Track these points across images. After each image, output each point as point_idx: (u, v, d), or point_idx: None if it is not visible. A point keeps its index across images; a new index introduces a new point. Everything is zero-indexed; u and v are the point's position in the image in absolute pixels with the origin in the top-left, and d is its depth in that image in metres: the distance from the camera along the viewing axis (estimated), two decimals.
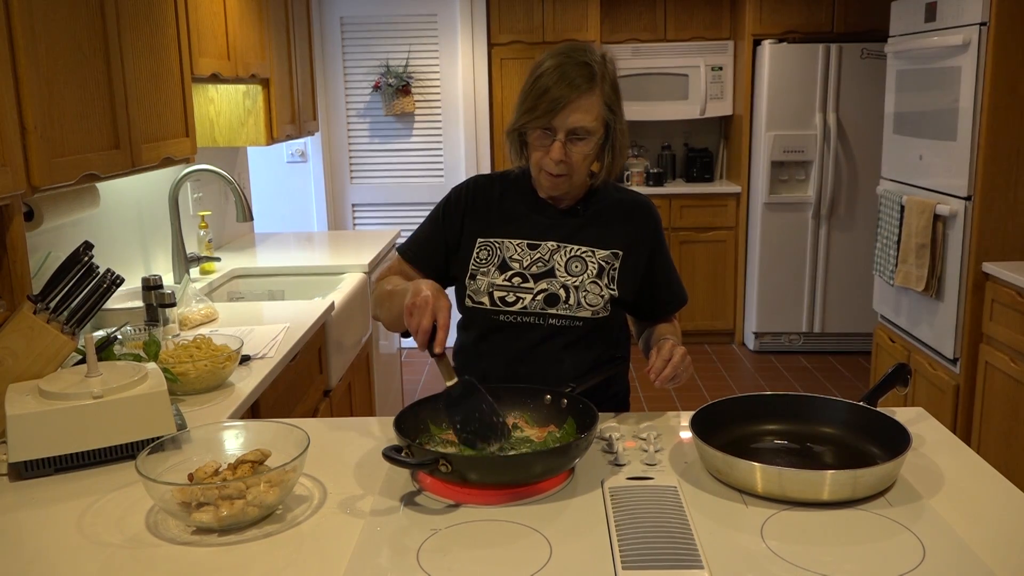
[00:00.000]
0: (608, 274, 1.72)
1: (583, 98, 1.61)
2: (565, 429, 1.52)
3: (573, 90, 1.60)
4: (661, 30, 5.38)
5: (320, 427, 1.66)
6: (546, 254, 1.73)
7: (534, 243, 1.74)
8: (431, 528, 1.26)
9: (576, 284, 1.70)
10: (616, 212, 1.77)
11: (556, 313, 1.70)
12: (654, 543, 1.19)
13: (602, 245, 1.74)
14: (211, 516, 1.25)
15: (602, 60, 1.65)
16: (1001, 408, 3.15)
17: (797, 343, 5.38)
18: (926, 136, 3.59)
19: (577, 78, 1.61)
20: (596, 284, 1.70)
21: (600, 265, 1.72)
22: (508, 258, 1.74)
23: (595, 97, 1.62)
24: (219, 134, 3.35)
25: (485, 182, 1.84)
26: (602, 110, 1.64)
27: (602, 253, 1.73)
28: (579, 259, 1.72)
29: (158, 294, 2.39)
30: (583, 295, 1.70)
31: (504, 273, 1.72)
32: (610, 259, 1.73)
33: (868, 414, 1.52)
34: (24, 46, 1.65)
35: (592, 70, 1.62)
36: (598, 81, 1.62)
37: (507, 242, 1.75)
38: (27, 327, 1.66)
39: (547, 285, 1.70)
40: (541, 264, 1.72)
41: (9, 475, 1.49)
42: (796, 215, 5.19)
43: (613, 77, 1.66)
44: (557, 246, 1.73)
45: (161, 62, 2.31)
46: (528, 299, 1.70)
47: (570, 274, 1.71)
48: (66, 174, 1.80)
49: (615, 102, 1.66)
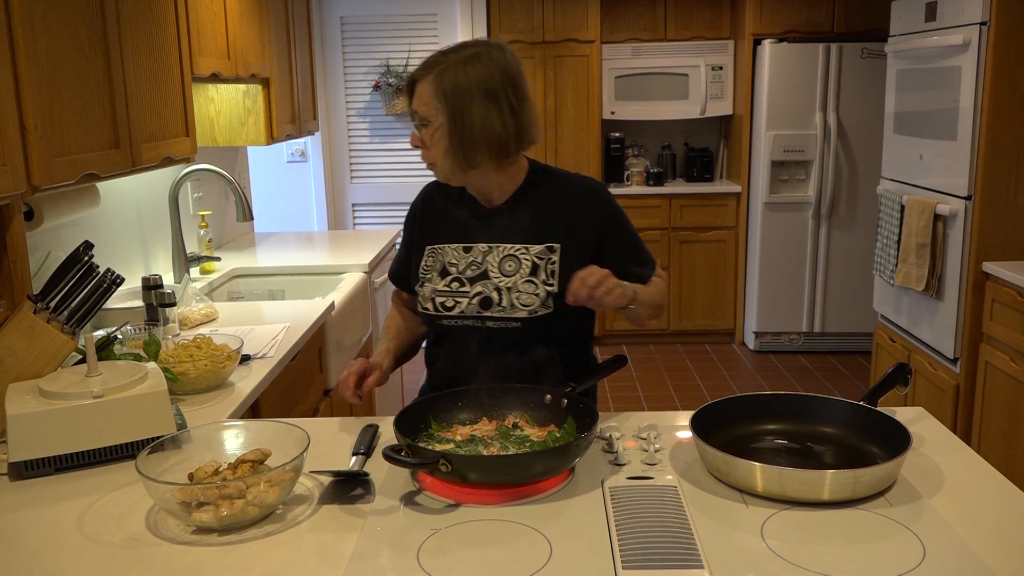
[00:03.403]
0: (545, 270, 1.69)
1: (420, 84, 1.64)
2: (565, 429, 1.52)
3: (417, 73, 1.64)
4: (661, 30, 5.38)
5: (320, 427, 1.66)
6: (479, 256, 1.73)
7: (468, 246, 1.74)
8: (431, 528, 1.26)
9: (508, 285, 1.69)
10: (554, 202, 1.73)
11: (492, 316, 1.69)
12: (654, 543, 1.19)
13: (535, 240, 1.71)
14: (211, 516, 1.25)
15: (461, 57, 1.63)
16: (1001, 408, 3.15)
17: (797, 343, 5.38)
18: (926, 136, 3.59)
19: (425, 64, 1.64)
20: (531, 283, 1.68)
21: (534, 262, 1.69)
22: (447, 263, 1.74)
23: (427, 83, 1.63)
24: (219, 134, 3.35)
25: (434, 189, 1.85)
26: (435, 97, 1.62)
27: (536, 248, 1.70)
28: (512, 258, 1.70)
29: (158, 294, 2.39)
30: (515, 296, 1.68)
31: (444, 279, 1.73)
32: (545, 253, 1.70)
33: (868, 414, 1.52)
34: (24, 46, 1.65)
35: (436, 59, 1.64)
36: (437, 69, 1.62)
37: (447, 247, 1.76)
38: (27, 327, 1.66)
39: (482, 288, 1.70)
40: (475, 267, 1.72)
41: (9, 475, 1.49)
42: (796, 215, 5.19)
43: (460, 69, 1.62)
44: (489, 247, 1.73)
45: (161, 62, 2.31)
46: (465, 303, 1.71)
47: (504, 275, 1.70)
48: (66, 174, 1.80)
49: (453, 90, 1.61)
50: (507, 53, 1.67)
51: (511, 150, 1.67)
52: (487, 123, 1.62)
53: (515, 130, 1.65)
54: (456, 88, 1.61)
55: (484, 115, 1.62)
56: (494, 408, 1.61)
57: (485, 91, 1.62)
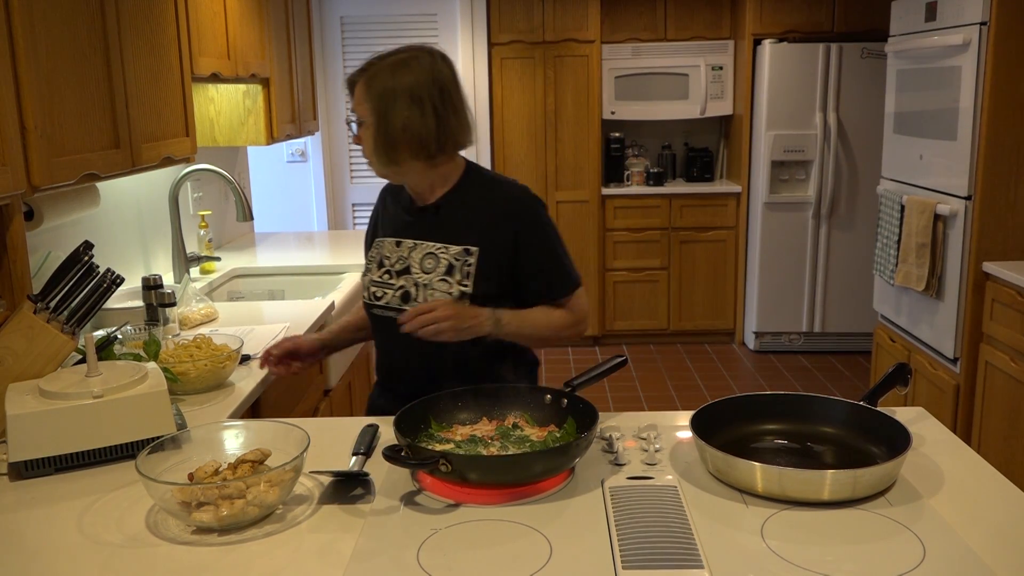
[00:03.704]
0: (461, 271, 1.74)
1: (356, 86, 1.74)
2: (565, 429, 1.52)
3: (354, 76, 1.75)
4: (661, 30, 5.38)
5: (320, 427, 1.66)
6: (406, 252, 1.81)
7: (399, 241, 1.83)
8: (431, 528, 1.26)
9: (425, 282, 1.76)
10: (479, 206, 1.79)
11: (405, 309, 1.74)
12: (654, 543, 1.19)
13: (455, 241, 1.77)
14: (211, 516, 1.25)
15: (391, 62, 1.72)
16: (1001, 408, 3.15)
17: (797, 343, 5.38)
18: (926, 136, 3.59)
19: (360, 68, 1.74)
20: (445, 281, 1.74)
21: (451, 262, 1.75)
22: (383, 256, 1.84)
23: (362, 85, 1.73)
24: (219, 134, 3.35)
25: (389, 186, 1.95)
26: (367, 99, 1.72)
27: (455, 250, 1.76)
28: (433, 256, 1.78)
29: (158, 294, 2.39)
30: (430, 293, 1.75)
31: (379, 270, 1.84)
32: (462, 255, 1.75)
33: (868, 414, 1.52)
34: (24, 46, 1.65)
35: (370, 63, 1.74)
36: (368, 73, 1.72)
37: (385, 241, 1.86)
38: (27, 327, 1.66)
39: (404, 282, 1.79)
40: (402, 261, 1.81)
41: (9, 475, 1.49)
42: (796, 215, 5.19)
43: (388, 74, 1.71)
44: (415, 244, 1.81)
45: (161, 61, 2.31)
46: (390, 295, 1.80)
47: (424, 271, 1.77)
48: (66, 174, 1.80)
49: (383, 94, 1.70)
50: (437, 60, 1.76)
51: (432, 151, 1.73)
52: (408, 124, 1.70)
53: (436, 133, 1.72)
54: (383, 91, 1.71)
55: (406, 117, 1.70)
56: (494, 408, 1.61)
57: (410, 95, 1.70)
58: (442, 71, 1.74)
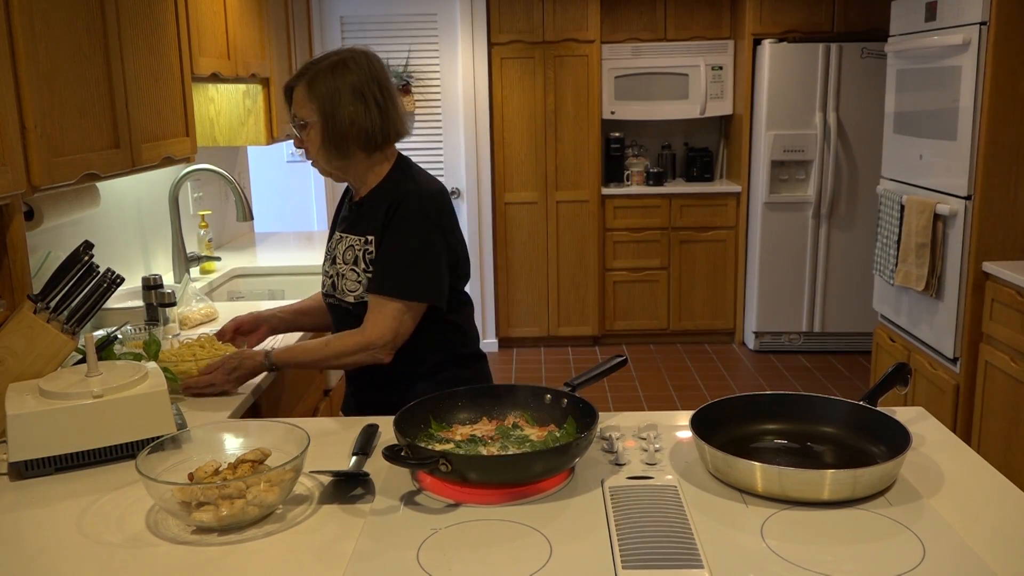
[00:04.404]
0: (364, 259, 1.87)
1: (296, 90, 1.84)
2: (565, 429, 1.52)
3: (292, 82, 1.85)
4: (661, 30, 5.38)
5: (320, 427, 1.66)
6: (335, 244, 1.96)
7: (339, 234, 1.96)
8: (431, 528, 1.26)
9: (343, 272, 1.90)
10: (382, 201, 1.88)
11: (335, 296, 1.93)
12: (654, 543, 1.19)
13: (361, 232, 1.89)
14: (211, 516, 1.25)
15: (332, 56, 1.84)
16: (1001, 408, 3.15)
17: (797, 343, 5.38)
18: (926, 136, 3.59)
19: (298, 73, 1.84)
20: (353, 271, 1.88)
21: (356, 254, 1.88)
22: (330, 248, 1.98)
23: (301, 89, 1.83)
24: (219, 133, 3.35)
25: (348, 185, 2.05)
26: (309, 101, 1.82)
27: (361, 240, 1.89)
28: (350, 248, 1.91)
29: (158, 293, 2.39)
30: (343, 282, 1.90)
31: (326, 261, 1.98)
32: (363, 246, 1.88)
33: (868, 414, 1.52)
34: (24, 45, 1.65)
35: (307, 68, 1.84)
36: (307, 77, 1.82)
37: (335, 233, 1.99)
38: (27, 327, 1.66)
39: (331, 271, 1.94)
40: (330, 253, 1.97)
41: (9, 475, 1.49)
42: (796, 215, 5.19)
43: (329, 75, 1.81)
44: (340, 236, 1.95)
45: (161, 61, 2.31)
46: (327, 284, 1.95)
47: (343, 262, 1.91)
48: (66, 173, 1.80)
49: (326, 95, 1.81)
50: (370, 57, 1.87)
51: (379, 141, 1.85)
52: (355, 119, 1.82)
53: (381, 124, 1.84)
54: (328, 90, 1.81)
55: (353, 111, 1.82)
56: (494, 408, 1.61)
57: (352, 91, 1.81)
58: (377, 68, 1.86)
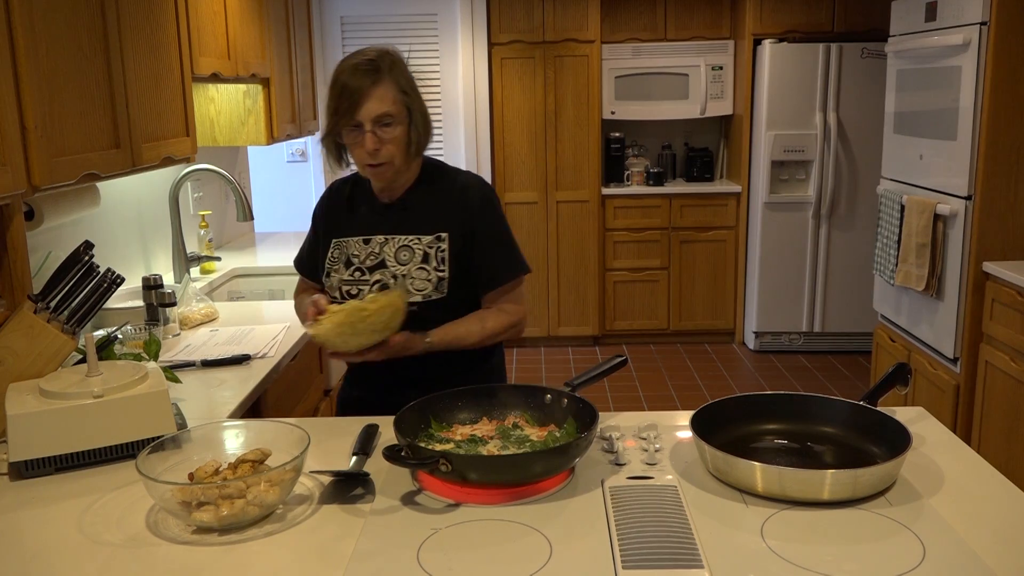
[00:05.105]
0: (436, 257, 1.82)
1: (377, 87, 1.74)
2: (565, 429, 1.52)
3: (367, 82, 1.74)
4: (661, 30, 5.38)
5: (320, 427, 1.66)
6: (376, 247, 1.86)
7: (367, 238, 1.87)
8: (431, 528, 1.26)
9: (404, 272, 1.82)
10: (441, 196, 1.86)
11: None
12: (654, 543, 1.19)
13: (426, 231, 1.84)
14: (211, 515, 1.25)
15: (384, 54, 1.79)
16: (1001, 408, 3.15)
17: (797, 342, 5.38)
18: (926, 136, 3.59)
19: (367, 72, 1.75)
20: (423, 269, 1.82)
21: (425, 251, 1.82)
22: (351, 255, 1.88)
23: (387, 84, 1.76)
24: (219, 133, 3.35)
25: (339, 185, 1.99)
26: (397, 95, 1.76)
27: (427, 239, 1.83)
28: (407, 248, 1.84)
29: (158, 293, 2.39)
30: (410, 281, 1.82)
31: (348, 269, 1.87)
32: (434, 243, 1.83)
33: (868, 414, 1.52)
34: (25, 46, 1.65)
35: (377, 63, 1.76)
36: (385, 71, 1.76)
37: (350, 240, 1.89)
38: (27, 326, 1.66)
39: (380, 276, 1.84)
40: (374, 257, 1.85)
41: (9, 475, 1.49)
42: (796, 215, 5.19)
43: (401, 66, 1.80)
44: (386, 239, 1.86)
45: (161, 61, 2.31)
46: (367, 290, 1.84)
47: (399, 263, 1.83)
48: (66, 173, 1.80)
49: (408, 85, 1.79)
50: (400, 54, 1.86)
51: (431, 137, 1.85)
52: (426, 113, 1.82)
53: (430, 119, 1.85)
54: (408, 84, 1.79)
55: (423, 106, 1.82)
56: (494, 408, 1.61)
57: (415, 86, 1.81)
58: None
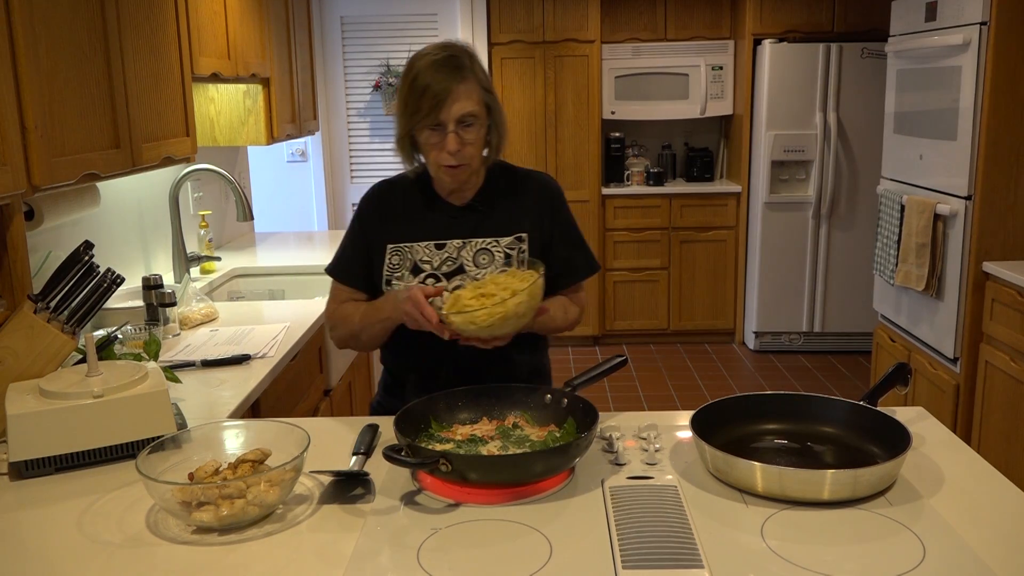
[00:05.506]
0: (517, 259, 1.77)
1: (462, 86, 1.66)
2: (565, 429, 1.52)
3: (452, 81, 1.65)
4: (661, 30, 5.38)
5: (320, 427, 1.66)
6: (453, 252, 1.77)
7: (440, 243, 1.78)
8: (431, 527, 1.26)
9: (483, 276, 1.75)
10: (514, 195, 1.82)
11: None
12: (654, 543, 1.19)
13: (504, 232, 1.78)
14: (211, 515, 1.25)
15: (463, 50, 1.71)
16: (1001, 408, 3.15)
17: (797, 342, 5.38)
18: (926, 136, 3.59)
19: (452, 70, 1.66)
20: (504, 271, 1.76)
21: (506, 253, 1.77)
22: (419, 260, 1.77)
23: (472, 83, 1.68)
24: (219, 133, 3.35)
25: (386, 188, 1.87)
26: (481, 94, 1.69)
27: (506, 240, 1.78)
28: (486, 251, 1.77)
29: (158, 293, 2.39)
30: None
31: (417, 275, 1.76)
32: (514, 244, 1.78)
33: (868, 414, 1.52)
34: (25, 46, 1.65)
35: (460, 60, 1.68)
36: (468, 68, 1.68)
37: (415, 245, 1.78)
38: (27, 326, 1.66)
39: (460, 281, 1.75)
40: (451, 262, 1.77)
41: (9, 475, 1.49)
42: (796, 215, 5.19)
43: (480, 62, 1.73)
44: (463, 243, 1.78)
45: (161, 61, 2.31)
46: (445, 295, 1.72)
47: (479, 267, 1.76)
48: (67, 173, 1.80)
49: (488, 84, 1.72)
50: None
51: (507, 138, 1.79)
52: (503, 112, 1.75)
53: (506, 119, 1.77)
54: (488, 82, 1.72)
55: (501, 106, 1.75)
56: (494, 408, 1.61)
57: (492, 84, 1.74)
58: None
